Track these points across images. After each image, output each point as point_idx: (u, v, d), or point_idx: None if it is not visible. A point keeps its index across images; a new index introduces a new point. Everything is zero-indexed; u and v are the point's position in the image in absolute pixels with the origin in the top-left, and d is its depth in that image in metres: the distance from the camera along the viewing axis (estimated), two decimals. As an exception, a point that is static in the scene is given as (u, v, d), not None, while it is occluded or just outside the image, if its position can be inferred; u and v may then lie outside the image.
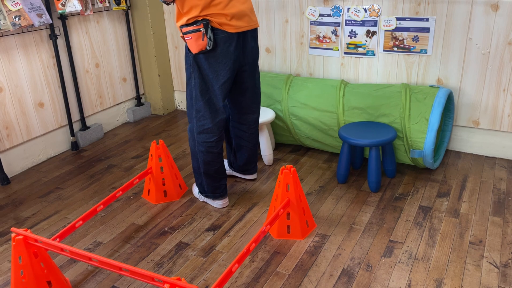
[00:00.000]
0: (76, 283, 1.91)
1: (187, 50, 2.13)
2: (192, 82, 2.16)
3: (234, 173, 2.70)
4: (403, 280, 1.84)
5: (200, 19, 2.01)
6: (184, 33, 2.03)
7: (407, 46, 2.83)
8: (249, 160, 2.57)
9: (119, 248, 2.13)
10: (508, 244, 2.01)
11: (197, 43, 2.02)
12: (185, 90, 3.85)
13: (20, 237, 1.66)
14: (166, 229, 2.26)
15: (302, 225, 2.13)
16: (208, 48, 2.04)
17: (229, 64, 2.11)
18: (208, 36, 2.01)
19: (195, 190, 2.52)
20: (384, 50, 2.90)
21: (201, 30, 2.01)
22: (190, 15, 2.00)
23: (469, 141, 2.87)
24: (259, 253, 2.05)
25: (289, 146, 3.11)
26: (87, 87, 3.33)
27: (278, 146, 3.11)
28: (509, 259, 1.92)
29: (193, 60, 2.12)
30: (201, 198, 2.47)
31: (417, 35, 2.78)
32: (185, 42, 2.07)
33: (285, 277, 1.89)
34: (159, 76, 3.73)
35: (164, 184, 2.48)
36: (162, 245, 2.14)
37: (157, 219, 2.34)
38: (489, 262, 1.91)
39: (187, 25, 2.03)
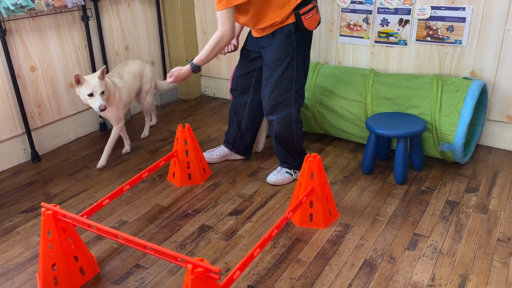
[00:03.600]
0: (101, 259, 1.96)
1: (288, 34, 2.17)
2: (293, 65, 2.23)
3: (233, 156, 2.78)
4: (426, 274, 1.81)
5: None
6: (304, 13, 2.14)
7: (441, 36, 2.74)
8: (253, 140, 2.74)
9: (143, 228, 2.17)
10: (539, 243, 1.95)
11: (315, 19, 2.20)
12: (212, 76, 3.87)
13: (50, 212, 1.71)
14: (189, 211, 2.29)
15: (324, 213, 2.11)
16: (320, 20, 2.27)
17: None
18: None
19: (282, 174, 2.50)
20: (416, 40, 2.82)
21: (316, 6, 2.20)
22: None
23: (501, 136, 2.78)
24: (280, 239, 2.05)
25: (315, 135, 3.09)
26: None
27: (303, 135, 3.08)
28: (539, 259, 1.86)
29: (296, 42, 2.20)
30: (294, 174, 2.51)
31: (452, 25, 2.69)
32: (297, 25, 2.17)
33: (306, 265, 1.89)
34: (186, 60, 3.75)
35: (188, 168, 2.50)
36: (185, 227, 2.16)
37: (181, 201, 2.37)
38: (518, 261, 1.85)
39: (302, 5, 2.14)
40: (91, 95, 2.47)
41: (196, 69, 2.29)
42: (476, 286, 1.74)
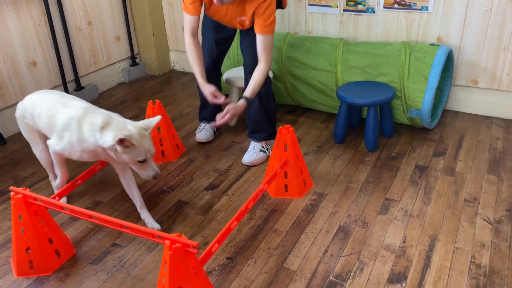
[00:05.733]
0: (77, 241, 1.94)
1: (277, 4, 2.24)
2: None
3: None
4: (398, 236, 1.88)
5: None
6: None
7: (408, 3, 2.76)
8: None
9: (118, 207, 2.15)
10: (502, 201, 2.05)
11: None
12: (181, 50, 3.79)
13: (19, 196, 1.66)
14: (165, 188, 2.28)
15: (299, 184, 2.15)
16: None
17: None
18: None
19: (257, 154, 2.45)
20: (384, 7, 2.83)
21: None
22: None
23: (467, 100, 2.86)
24: (257, 211, 2.08)
25: (287, 107, 3.09)
26: (80, 46, 3.26)
27: (275, 107, 3.09)
28: (503, 216, 1.96)
29: None
30: (267, 151, 2.49)
31: (418, -8, 2.70)
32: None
33: (282, 234, 1.93)
34: (153, 35, 3.65)
35: (161, 145, 2.47)
36: (161, 203, 2.16)
37: (154, 180, 2.34)
38: (483, 219, 1.95)
39: None
40: (143, 161, 1.78)
41: (250, 103, 2.21)
42: (445, 246, 1.82)
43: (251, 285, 1.68)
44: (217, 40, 2.44)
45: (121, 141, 1.69)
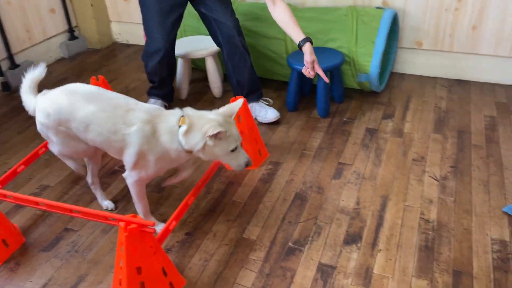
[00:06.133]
0: (25, 228, 1.85)
1: None
2: None
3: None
4: (352, 199, 1.93)
5: None
6: None
7: (353, -34, 2.74)
8: None
9: (68, 190, 2.06)
10: (447, 158, 2.15)
11: None
12: (123, 21, 3.60)
13: (-44, 187, 1.55)
14: (116, 168, 2.20)
15: (255, 154, 2.14)
16: None
17: None
18: None
19: (269, 109, 2.49)
20: (330, -29, 2.80)
21: None
22: None
23: (412, 62, 2.94)
24: (214, 184, 2.06)
25: (238, 76, 3.04)
26: (11, 20, 3.01)
27: (226, 77, 3.03)
28: (448, 172, 2.06)
29: None
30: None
31: (363, -46, 2.69)
32: None
33: (241, 205, 1.93)
34: (91, 5, 3.43)
35: (109, 122, 2.36)
36: (114, 184, 2.09)
37: (105, 158, 2.26)
38: (430, 176, 2.04)
39: None
40: (234, 149, 1.63)
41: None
42: (396, 204, 1.90)
43: (212, 258, 1.68)
44: (169, 21, 2.33)
45: (217, 134, 1.51)
